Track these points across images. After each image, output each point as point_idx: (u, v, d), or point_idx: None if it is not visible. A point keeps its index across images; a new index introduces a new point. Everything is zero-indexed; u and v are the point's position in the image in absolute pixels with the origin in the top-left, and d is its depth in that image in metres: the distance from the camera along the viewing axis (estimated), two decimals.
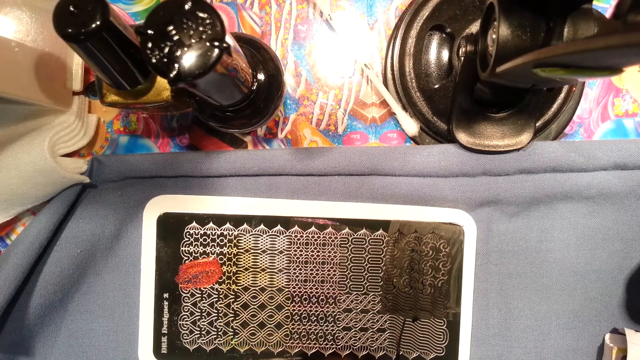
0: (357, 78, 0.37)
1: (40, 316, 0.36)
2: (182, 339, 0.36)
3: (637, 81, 0.36)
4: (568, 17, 0.23)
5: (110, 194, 0.36)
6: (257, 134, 0.37)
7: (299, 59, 0.37)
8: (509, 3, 0.24)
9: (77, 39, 0.24)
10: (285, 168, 0.35)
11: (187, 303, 0.36)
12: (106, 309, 0.37)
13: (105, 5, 0.24)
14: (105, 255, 0.37)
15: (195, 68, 0.22)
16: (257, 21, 0.37)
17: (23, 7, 0.33)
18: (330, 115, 0.37)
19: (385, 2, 0.37)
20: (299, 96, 0.37)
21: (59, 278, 0.36)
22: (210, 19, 0.22)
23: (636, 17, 0.17)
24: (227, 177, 0.36)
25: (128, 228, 0.36)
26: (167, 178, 0.36)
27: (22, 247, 0.33)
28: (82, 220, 0.36)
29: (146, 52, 0.22)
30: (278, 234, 0.36)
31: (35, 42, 0.33)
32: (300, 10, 0.37)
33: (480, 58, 0.29)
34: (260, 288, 0.36)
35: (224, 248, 0.36)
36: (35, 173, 0.33)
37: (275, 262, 0.36)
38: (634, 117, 0.36)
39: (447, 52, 0.35)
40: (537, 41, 0.24)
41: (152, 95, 0.30)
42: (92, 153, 0.38)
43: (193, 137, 0.38)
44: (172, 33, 0.22)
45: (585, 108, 0.36)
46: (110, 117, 0.38)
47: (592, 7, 0.23)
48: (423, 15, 0.34)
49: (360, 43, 0.37)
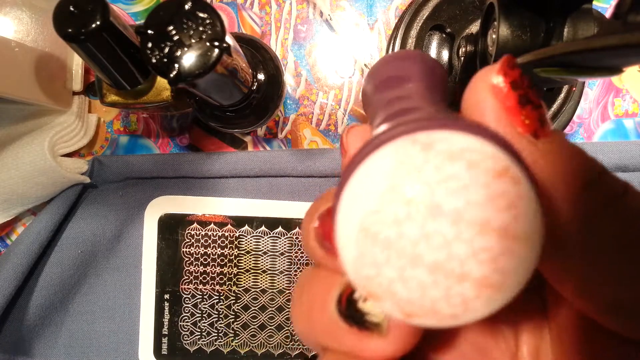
0: (357, 78, 0.37)
1: (40, 317, 0.36)
2: (183, 340, 0.36)
3: (637, 81, 0.36)
4: (568, 17, 0.23)
5: (111, 195, 0.36)
6: (257, 134, 0.37)
7: (299, 59, 0.37)
8: (509, 3, 0.24)
9: (77, 39, 0.24)
10: (287, 169, 0.35)
11: (188, 304, 0.36)
12: (107, 310, 0.37)
13: (105, 5, 0.24)
14: (106, 256, 0.37)
15: (195, 68, 0.22)
16: (257, 21, 0.37)
17: (23, 7, 0.33)
18: (330, 115, 0.37)
19: (385, 2, 0.37)
20: (299, 96, 0.37)
21: (59, 278, 0.36)
22: (210, 19, 0.22)
23: (636, 17, 0.17)
24: (228, 178, 0.36)
25: (129, 229, 0.36)
26: (168, 179, 0.36)
27: (22, 247, 0.33)
28: (83, 220, 0.36)
29: (146, 52, 0.22)
30: (279, 236, 0.36)
31: (35, 42, 0.33)
32: (300, 10, 0.37)
33: (480, 58, 0.29)
34: (261, 290, 0.36)
35: (225, 249, 0.36)
36: (36, 173, 0.33)
37: (276, 264, 0.36)
38: (634, 117, 0.36)
39: (447, 52, 0.35)
40: (537, 41, 0.24)
41: (152, 95, 0.30)
42: (92, 153, 0.38)
43: (193, 137, 0.38)
44: (172, 33, 0.22)
45: (585, 108, 0.36)
46: (110, 117, 0.38)
47: (592, 7, 0.23)
48: (423, 15, 0.34)
49: (360, 43, 0.37)
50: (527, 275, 0.10)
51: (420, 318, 0.10)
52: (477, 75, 0.12)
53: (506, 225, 0.10)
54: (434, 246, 0.10)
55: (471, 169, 0.10)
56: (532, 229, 0.10)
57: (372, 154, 0.10)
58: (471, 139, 0.10)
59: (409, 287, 0.10)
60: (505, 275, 0.10)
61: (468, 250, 0.10)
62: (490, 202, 0.10)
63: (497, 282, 0.10)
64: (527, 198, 0.10)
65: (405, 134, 0.10)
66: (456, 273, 0.10)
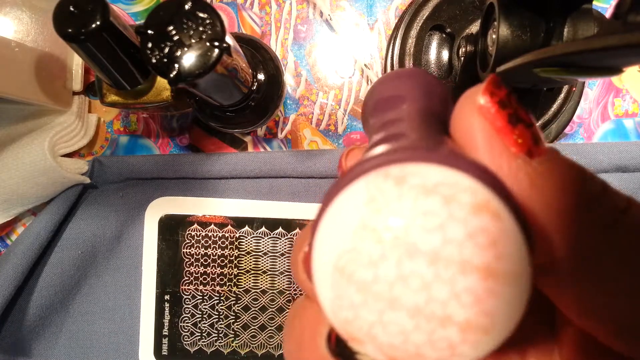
0: (357, 78, 0.37)
1: (41, 317, 0.36)
2: (183, 341, 0.36)
3: (637, 81, 0.36)
4: (568, 17, 0.23)
5: (111, 195, 0.36)
6: (257, 134, 0.37)
7: (299, 59, 0.37)
8: (509, 3, 0.24)
9: (77, 39, 0.24)
10: (287, 170, 0.35)
11: (188, 305, 0.36)
12: (107, 311, 0.37)
13: (105, 5, 0.24)
14: (106, 257, 0.37)
15: (195, 68, 0.22)
16: (257, 21, 0.37)
17: (23, 7, 0.33)
18: (330, 115, 0.37)
19: (385, 2, 0.37)
20: (299, 96, 0.37)
21: (60, 279, 0.36)
22: (210, 19, 0.22)
23: (636, 17, 0.17)
24: (229, 179, 0.36)
25: (129, 229, 0.36)
26: (169, 180, 0.36)
27: (22, 248, 0.33)
28: (83, 221, 0.36)
29: (146, 52, 0.22)
30: (279, 237, 0.36)
31: (35, 42, 0.33)
32: (300, 10, 0.37)
33: (480, 58, 0.29)
34: (262, 290, 0.36)
35: (226, 250, 0.36)
36: (36, 173, 0.32)
37: (276, 265, 0.36)
38: (634, 117, 0.36)
39: (447, 52, 0.35)
40: (537, 41, 0.24)
41: (152, 95, 0.30)
42: (92, 153, 0.38)
43: (193, 137, 0.38)
44: (172, 33, 0.22)
45: (585, 108, 0.36)
46: (110, 117, 0.38)
47: (592, 7, 0.23)
48: (423, 16, 0.34)
49: (360, 43, 0.37)
50: (516, 317, 0.09)
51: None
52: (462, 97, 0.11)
53: (488, 265, 0.09)
54: (412, 288, 0.09)
55: (447, 204, 0.09)
56: (517, 267, 0.09)
57: (345, 189, 0.10)
58: (447, 172, 0.09)
59: (389, 332, 0.09)
60: (492, 318, 0.09)
61: (449, 291, 0.09)
62: (469, 239, 0.09)
63: (483, 325, 0.09)
64: (511, 234, 0.09)
65: (378, 167, 0.10)
66: (438, 316, 0.09)
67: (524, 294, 0.09)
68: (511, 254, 0.09)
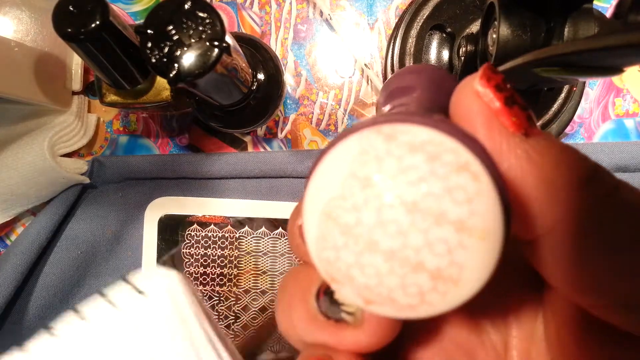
0: (357, 78, 0.37)
1: (40, 317, 0.36)
2: None
3: (638, 81, 0.36)
4: (568, 17, 0.23)
5: (111, 195, 0.36)
6: (257, 134, 0.37)
7: (299, 58, 0.37)
8: (509, 3, 0.24)
9: (76, 38, 0.24)
10: (286, 170, 0.35)
11: None
12: None
13: (105, 5, 0.24)
14: (105, 257, 0.37)
15: (195, 68, 0.22)
16: (257, 21, 0.37)
17: (23, 7, 0.33)
18: (330, 115, 0.37)
19: (385, 1, 0.37)
20: (299, 96, 0.37)
21: (59, 279, 0.35)
22: (209, 19, 0.22)
23: (636, 17, 0.17)
24: (228, 179, 0.36)
25: (129, 229, 0.36)
26: (168, 180, 0.36)
27: (21, 248, 0.33)
28: (82, 221, 0.36)
29: (146, 52, 0.22)
30: (279, 237, 0.36)
31: (35, 42, 0.33)
32: (300, 10, 0.37)
33: (481, 58, 0.29)
34: (262, 291, 0.36)
35: (225, 250, 0.36)
36: (35, 173, 0.32)
37: (276, 265, 0.36)
38: (635, 117, 0.36)
39: (447, 52, 0.35)
40: (537, 41, 0.24)
41: (152, 95, 0.30)
42: (92, 153, 0.38)
43: (193, 137, 0.38)
44: (171, 33, 0.22)
45: (585, 108, 0.36)
46: (110, 117, 0.38)
47: (593, 7, 0.23)
48: (423, 15, 0.34)
49: (360, 43, 0.37)
50: (485, 274, 0.10)
51: (378, 306, 0.11)
52: (460, 85, 0.12)
53: (462, 219, 0.10)
54: (389, 234, 0.10)
55: (431, 161, 0.10)
56: (490, 225, 0.10)
57: (339, 143, 0.11)
58: (435, 133, 0.10)
59: (366, 273, 0.10)
60: (461, 270, 0.10)
61: (423, 240, 0.10)
62: (447, 194, 0.10)
63: (452, 275, 0.10)
64: (487, 194, 0.10)
65: (372, 125, 0.11)
66: (411, 262, 0.10)
67: (494, 252, 0.10)
68: (485, 213, 0.10)
